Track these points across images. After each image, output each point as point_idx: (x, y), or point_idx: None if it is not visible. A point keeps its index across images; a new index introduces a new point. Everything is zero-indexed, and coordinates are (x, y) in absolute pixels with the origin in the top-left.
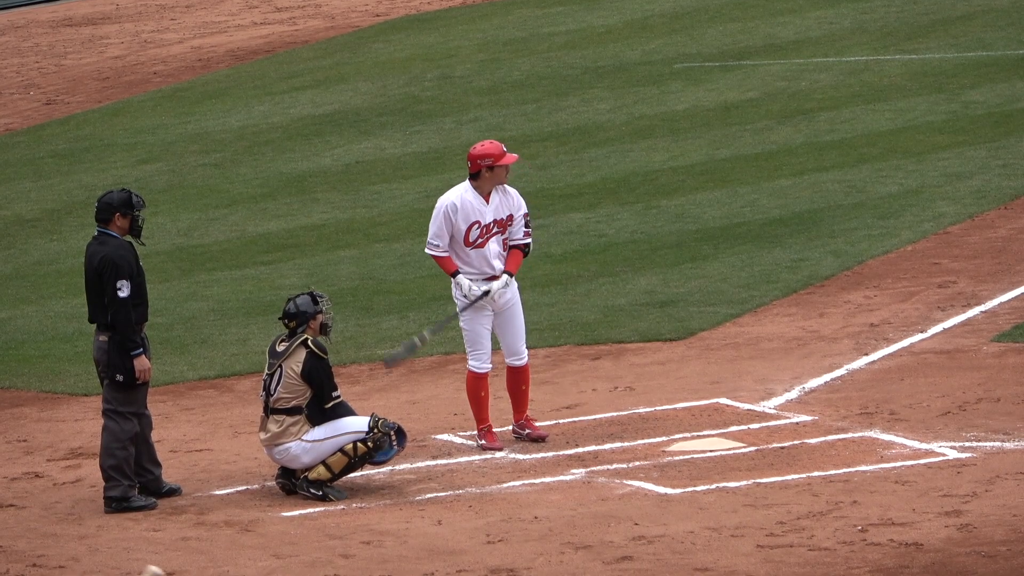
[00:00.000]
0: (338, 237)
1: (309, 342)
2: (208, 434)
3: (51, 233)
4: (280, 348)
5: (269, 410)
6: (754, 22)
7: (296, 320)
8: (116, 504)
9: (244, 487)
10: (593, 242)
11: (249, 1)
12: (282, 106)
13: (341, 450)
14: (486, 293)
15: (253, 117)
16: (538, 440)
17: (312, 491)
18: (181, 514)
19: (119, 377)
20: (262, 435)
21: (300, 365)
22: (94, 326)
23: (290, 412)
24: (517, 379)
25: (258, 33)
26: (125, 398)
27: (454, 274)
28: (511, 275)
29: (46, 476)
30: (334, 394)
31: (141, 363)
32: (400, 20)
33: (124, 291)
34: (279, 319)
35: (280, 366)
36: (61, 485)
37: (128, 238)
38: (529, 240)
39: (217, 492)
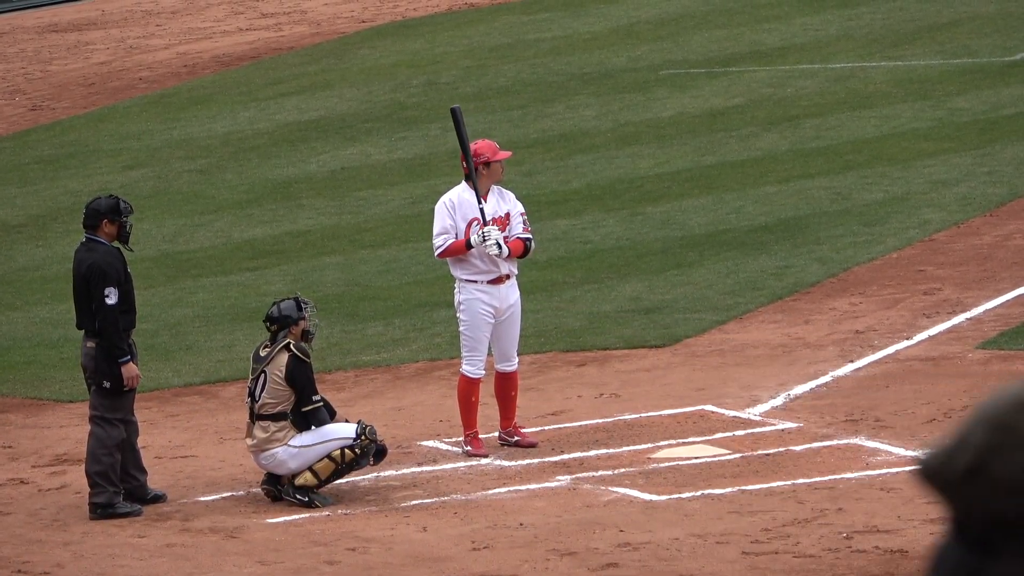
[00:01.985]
0: (324, 243)
1: (291, 346)
2: (193, 440)
3: (36, 239)
4: (263, 353)
5: (255, 416)
6: (740, 29)
7: (277, 324)
8: (101, 510)
9: (229, 493)
10: (578, 248)
11: (235, 7)
12: (267, 112)
13: (328, 456)
14: (497, 245)
15: (238, 123)
16: (529, 447)
17: (298, 497)
18: (166, 520)
19: (106, 384)
20: (248, 441)
21: (283, 369)
22: (80, 332)
23: (275, 418)
24: (506, 385)
25: (243, 39)
26: (112, 404)
27: (468, 244)
28: (505, 247)
29: (31, 482)
30: (314, 398)
31: (129, 370)
32: (386, 26)
33: (111, 298)
34: (263, 322)
35: (264, 371)
36: (46, 491)
37: (116, 244)
38: (529, 235)
39: (202, 498)
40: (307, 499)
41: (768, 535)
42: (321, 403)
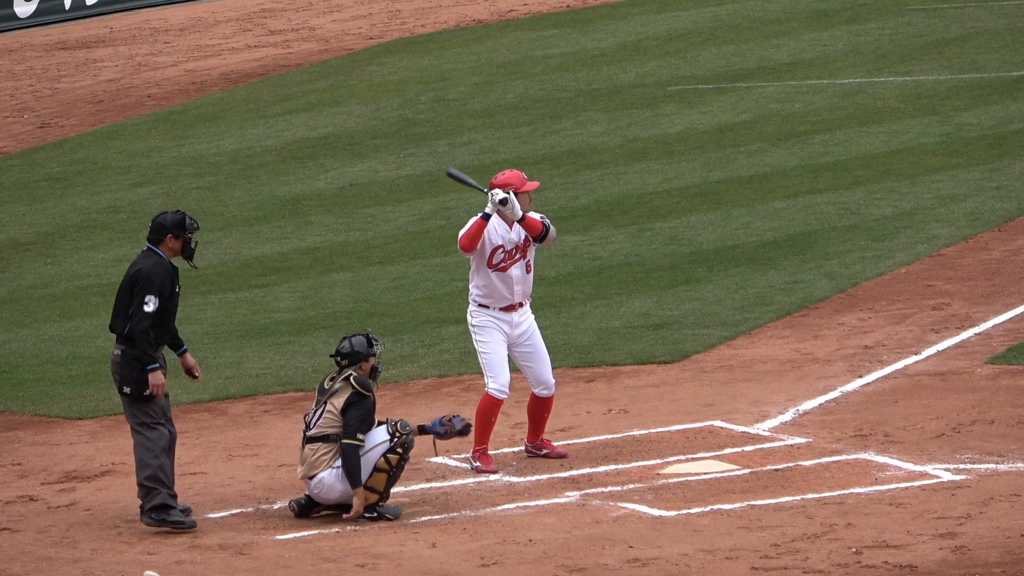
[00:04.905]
0: (332, 260)
1: (352, 379)
2: (202, 457)
3: (45, 256)
4: (327, 385)
5: (305, 440)
6: (748, 44)
7: (349, 359)
8: (156, 514)
9: (239, 510)
10: (587, 264)
11: (243, 24)
12: (276, 129)
13: (376, 469)
14: (503, 202)
15: (247, 140)
16: (559, 457)
17: (365, 515)
18: (176, 537)
19: (126, 389)
20: (299, 470)
21: (342, 402)
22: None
23: (324, 439)
24: (541, 406)
25: (252, 56)
26: (144, 410)
27: (485, 215)
28: (516, 200)
29: (40, 500)
30: (359, 436)
31: (156, 378)
32: (394, 43)
33: (150, 306)
34: (331, 356)
35: (325, 402)
36: (55, 509)
37: (177, 261)
38: (547, 221)
39: (211, 515)
40: (375, 514)
41: (777, 550)
42: (360, 444)
